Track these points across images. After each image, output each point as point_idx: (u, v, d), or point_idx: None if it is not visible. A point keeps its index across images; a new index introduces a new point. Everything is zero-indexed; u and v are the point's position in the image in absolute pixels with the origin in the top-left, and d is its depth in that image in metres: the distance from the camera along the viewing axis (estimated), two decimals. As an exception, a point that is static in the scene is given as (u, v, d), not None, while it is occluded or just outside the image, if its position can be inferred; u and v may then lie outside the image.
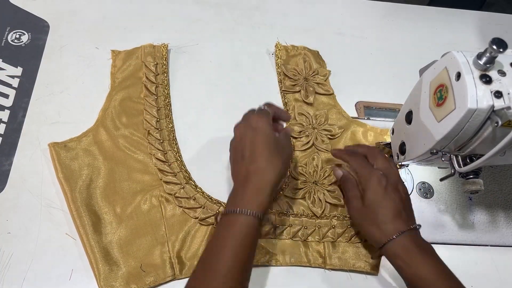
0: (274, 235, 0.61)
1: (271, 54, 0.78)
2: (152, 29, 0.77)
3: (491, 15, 0.91)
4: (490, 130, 0.45)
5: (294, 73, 0.74)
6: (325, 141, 0.69)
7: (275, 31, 0.81)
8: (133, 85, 0.69)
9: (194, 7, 0.82)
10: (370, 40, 0.83)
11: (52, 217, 0.59)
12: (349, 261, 0.60)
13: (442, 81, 0.48)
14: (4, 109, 0.66)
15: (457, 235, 0.65)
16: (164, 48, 0.73)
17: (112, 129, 0.65)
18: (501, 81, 0.45)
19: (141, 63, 0.71)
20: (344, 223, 0.62)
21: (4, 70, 0.69)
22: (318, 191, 0.64)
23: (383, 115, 0.74)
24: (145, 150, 0.64)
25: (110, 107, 0.67)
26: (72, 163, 0.61)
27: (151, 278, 0.56)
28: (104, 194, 0.60)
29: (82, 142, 0.63)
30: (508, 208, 0.68)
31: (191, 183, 0.63)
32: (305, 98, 0.72)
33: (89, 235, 0.56)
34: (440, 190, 0.68)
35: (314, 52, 0.78)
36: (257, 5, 0.84)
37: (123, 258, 0.56)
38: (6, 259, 0.55)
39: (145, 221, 0.59)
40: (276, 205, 0.63)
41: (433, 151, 0.51)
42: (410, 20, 0.87)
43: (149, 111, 0.67)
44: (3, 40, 0.72)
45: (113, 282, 0.55)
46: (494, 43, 0.44)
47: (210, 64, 0.76)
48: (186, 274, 0.57)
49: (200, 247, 0.59)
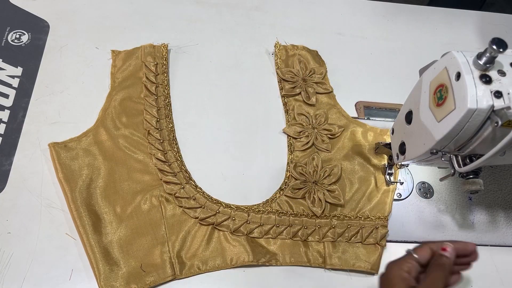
0: (274, 235, 0.61)
1: (271, 54, 0.78)
2: (152, 29, 0.77)
3: (491, 15, 0.91)
4: (490, 130, 0.45)
5: (291, 75, 0.74)
6: (325, 141, 0.69)
7: (275, 31, 0.81)
8: (133, 85, 0.69)
9: (194, 7, 0.82)
10: (370, 40, 0.83)
11: (52, 217, 0.59)
12: (349, 261, 0.60)
13: (442, 81, 0.48)
14: (4, 109, 0.66)
15: (457, 235, 0.65)
16: (164, 48, 0.73)
17: (112, 129, 0.65)
18: (501, 81, 0.45)
19: (141, 63, 0.71)
20: (344, 223, 0.62)
21: (4, 70, 0.69)
22: (318, 191, 0.64)
23: (383, 115, 0.74)
24: (145, 150, 0.64)
25: (110, 107, 0.67)
26: (72, 163, 0.61)
27: (151, 278, 0.56)
28: (104, 194, 0.60)
29: (82, 142, 0.63)
30: (508, 208, 0.68)
31: (191, 183, 0.63)
32: (306, 100, 0.72)
33: (89, 235, 0.56)
34: (440, 190, 0.68)
35: (313, 52, 0.78)
36: (257, 5, 0.84)
37: (123, 258, 0.56)
38: (6, 259, 0.55)
39: (145, 221, 0.59)
40: (276, 205, 0.63)
41: (433, 151, 0.51)
42: (410, 20, 0.87)
43: (149, 111, 0.67)
44: (3, 40, 0.72)
45: (113, 282, 0.55)
46: (494, 43, 0.44)
47: (210, 64, 0.76)
48: (186, 274, 0.57)
49: (200, 247, 0.59)
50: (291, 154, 0.68)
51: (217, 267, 0.58)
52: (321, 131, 0.70)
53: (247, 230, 0.60)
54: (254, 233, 0.60)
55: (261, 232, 0.61)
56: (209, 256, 0.59)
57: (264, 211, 0.62)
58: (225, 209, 0.61)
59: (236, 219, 0.60)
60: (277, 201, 0.63)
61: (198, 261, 0.58)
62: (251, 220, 0.61)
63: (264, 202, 0.63)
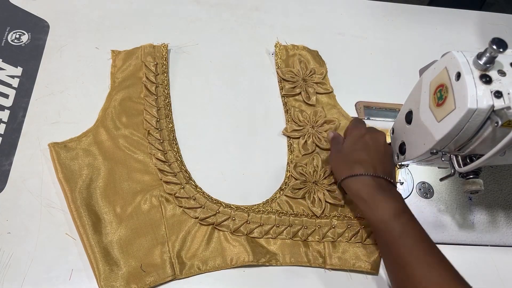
0: (274, 235, 0.61)
1: (271, 54, 0.78)
2: (152, 29, 0.77)
3: (491, 15, 0.91)
4: (490, 130, 0.45)
5: (291, 75, 0.74)
6: (325, 138, 0.69)
7: (275, 31, 0.81)
8: (133, 85, 0.69)
9: (194, 7, 0.82)
10: (370, 40, 0.83)
11: (52, 217, 0.59)
12: (349, 261, 0.60)
13: (442, 81, 0.48)
14: (4, 109, 0.66)
15: (457, 235, 0.65)
16: (164, 48, 0.73)
17: (112, 129, 0.65)
18: (501, 81, 0.45)
19: (141, 63, 0.71)
20: (344, 223, 0.62)
21: (4, 70, 0.69)
22: (318, 191, 0.64)
23: (383, 115, 0.74)
24: (145, 150, 0.64)
25: (110, 107, 0.67)
26: (72, 163, 0.61)
27: (151, 278, 0.56)
28: (104, 194, 0.60)
29: (82, 142, 0.63)
30: (508, 208, 0.68)
31: (191, 183, 0.63)
32: (307, 100, 0.72)
33: (89, 235, 0.56)
34: (440, 190, 0.68)
35: (313, 52, 0.78)
36: (257, 5, 0.84)
37: (123, 258, 0.56)
38: (6, 259, 0.55)
39: (145, 221, 0.59)
40: (276, 205, 0.63)
41: (433, 151, 0.51)
42: (410, 20, 0.87)
43: (149, 111, 0.67)
44: (3, 40, 0.72)
45: (113, 282, 0.55)
46: (494, 43, 0.44)
47: (210, 64, 0.76)
48: (186, 274, 0.57)
49: (200, 247, 0.59)
50: (291, 154, 0.68)
51: (217, 267, 0.58)
52: (320, 131, 0.69)
53: (247, 230, 0.60)
54: (254, 233, 0.60)
55: (261, 232, 0.61)
56: (209, 256, 0.59)
57: (264, 211, 0.62)
58: (225, 209, 0.61)
59: (236, 219, 0.60)
60: (277, 201, 0.63)
61: (198, 261, 0.58)
62: (251, 220, 0.61)
63: (264, 202, 0.63)
